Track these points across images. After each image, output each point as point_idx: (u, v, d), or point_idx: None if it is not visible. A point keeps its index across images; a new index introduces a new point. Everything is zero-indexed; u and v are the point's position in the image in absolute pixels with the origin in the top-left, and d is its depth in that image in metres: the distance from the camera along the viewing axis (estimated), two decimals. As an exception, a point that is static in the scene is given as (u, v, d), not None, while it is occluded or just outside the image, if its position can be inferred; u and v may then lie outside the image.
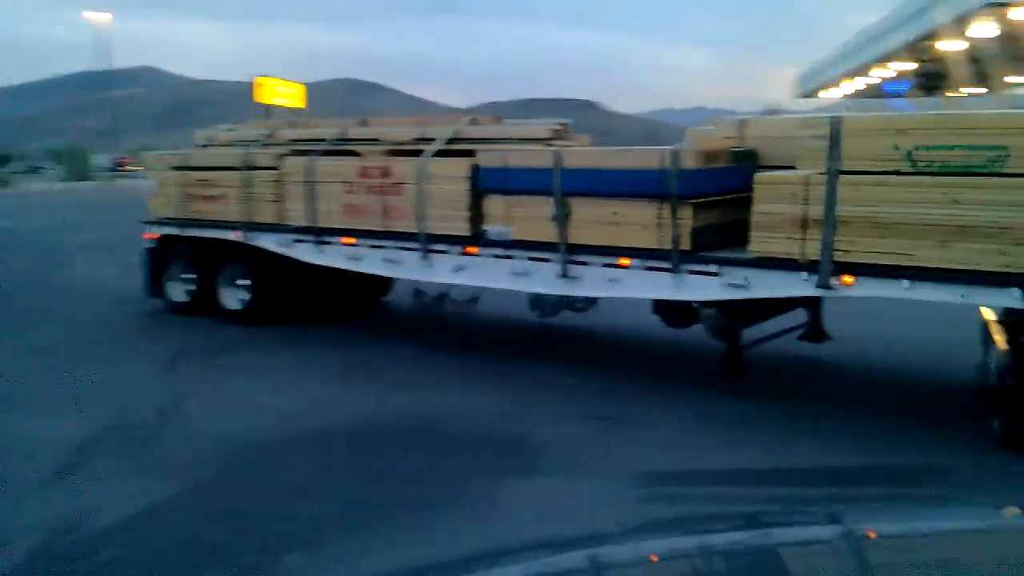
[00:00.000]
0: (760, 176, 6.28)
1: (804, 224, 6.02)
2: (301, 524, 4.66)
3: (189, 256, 10.68)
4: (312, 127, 10.23)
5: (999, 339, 5.76)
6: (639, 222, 6.73)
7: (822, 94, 61.14)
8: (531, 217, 7.33)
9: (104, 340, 9.57)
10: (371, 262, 8.71)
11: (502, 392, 7.15)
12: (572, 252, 7.14)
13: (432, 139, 8.36)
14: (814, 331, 7.74)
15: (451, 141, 8.22)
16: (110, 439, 6.14)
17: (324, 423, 6.47)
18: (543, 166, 7.13)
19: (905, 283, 5.73)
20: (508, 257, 7.55)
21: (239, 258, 10.13)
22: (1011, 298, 5.44)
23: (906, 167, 5.68)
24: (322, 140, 9.44)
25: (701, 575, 1.63)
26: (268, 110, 38.44)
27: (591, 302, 8.46)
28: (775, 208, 6.14)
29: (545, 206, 7.18)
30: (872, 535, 1.72)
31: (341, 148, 9.22)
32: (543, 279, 7.38)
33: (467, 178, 7.71)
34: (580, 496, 5.02)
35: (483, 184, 7.64)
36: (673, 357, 8.35)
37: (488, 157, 7.59)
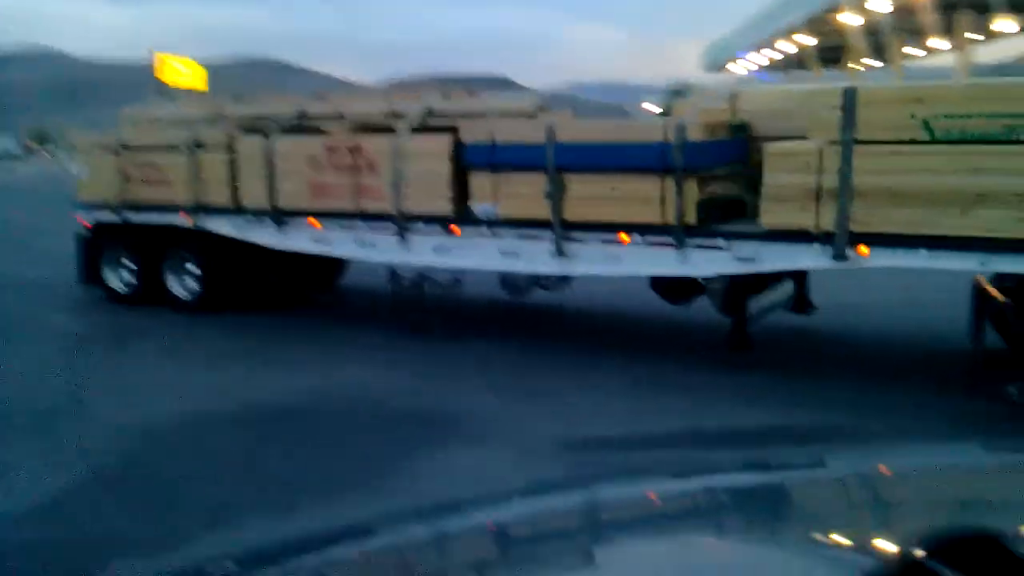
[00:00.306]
0: (772, 147, 6.06)
1: (818, 195, 5.83)
2: (210, 508, 4.43)
3: (130, 242, 9.92)
4: (263, 103, 9.58)
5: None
6: (640, 197, 6.42)
7: (729, 67, 62.10)
8: (521, 194, 6.94)
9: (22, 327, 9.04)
10: (341, 245, 8.20)
11: (426, 369, 6.98)
12: (567, 229, 6.80)
13: (402, 114, 7.88)
14: (800, 302, 7.60)
15: (425, 116, 7.75)
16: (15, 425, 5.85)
17: (237, 405, 6.17)
18: (535, 141, 6.75)
19: (923, 252, 5.60)
20: (496, 236, 7.16)
21: (187, 243, 9.44)
22: None
23: (923, 136, 5.53)
24: (275, 117, 8.83)
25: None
26: (165, 90, 36.33)
27: (563, 280, 8.14)
28: (787, 179, 5.93)
29: (537, 182, 6.81)
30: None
31: (299, 126, 8.63)
32: (536, 258, 7.03)
33: (449, 155, 7.26)
34: (493, 463, 4.90)
35: (468, 160, 7.21)
36: (628, 330, 8.15)
37: (472, 132, 7.15)
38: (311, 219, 8.27)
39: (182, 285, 9.57)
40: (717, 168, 6.47)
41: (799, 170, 5.87)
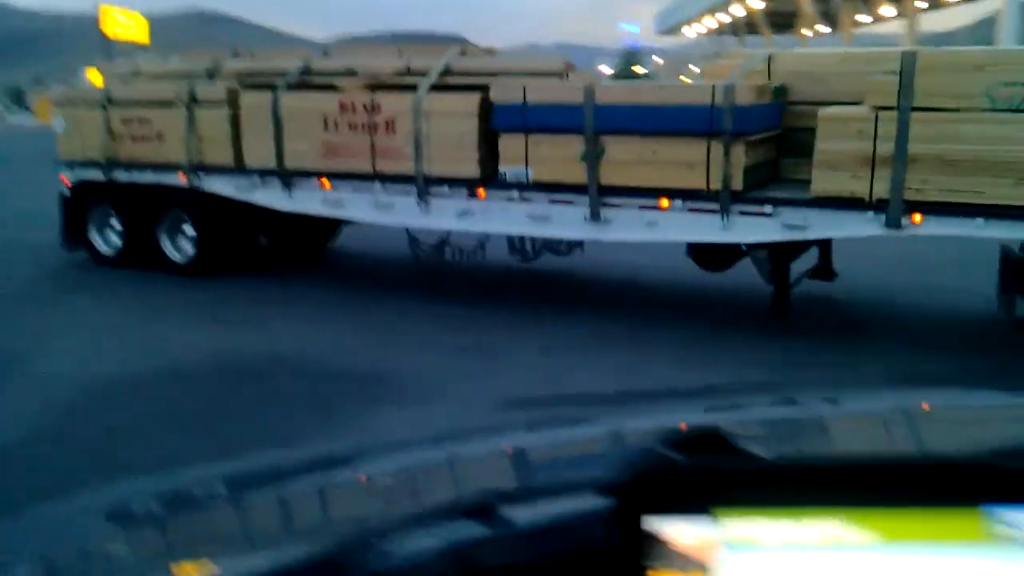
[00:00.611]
0: (825, 112, 5.82)
1: (872, 162, 5.62)
2: (152, 468, 4.09)
3: (118, 202, 9.34)
4: (263, 58, 9.04)
5: None
6: (684, 161, 6.14)
7: (683, 30, 61.89)
8: (555, 157, 6.60)
9: None
10: (354, 207, 7.77)
11: (381, 329, 6.80)
12: (603, 194, 6.49)
13: (419, 72, 7.45)
14: (824, 269, 7.44)
15: (443, 74, 7.33)
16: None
17: (184, 361, 5.96)
18: (573, 102, 6.40)
19: (978, 221, 5.44)
20: (525, 200, 6.82)
21: (181, 203, 8.92)
22: None
23: (984, 103, 5.34)
24: (279, 73, 8.31)
25: None
26: (111, 46, 34.68)
27: (576, 245, 7.86)
28: (841, 145, 5.70)
29: (572, 145, 6.47)
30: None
31: (306, 82, 8.14)
32: (568, 223, 6.71)
33: (476, 114, 6.87)
34: (441, 420, 4.63)
35: (497, 121, 6.82)
36: (614, 293, 7.98)
37: (503, 92, 6.76)
38: (322, 180, 7.83)
39: (175, 247, 9.06)
40: (763, 132, 6.22)
41: (853, 136, 5.65)
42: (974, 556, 0.62)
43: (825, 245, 7.36)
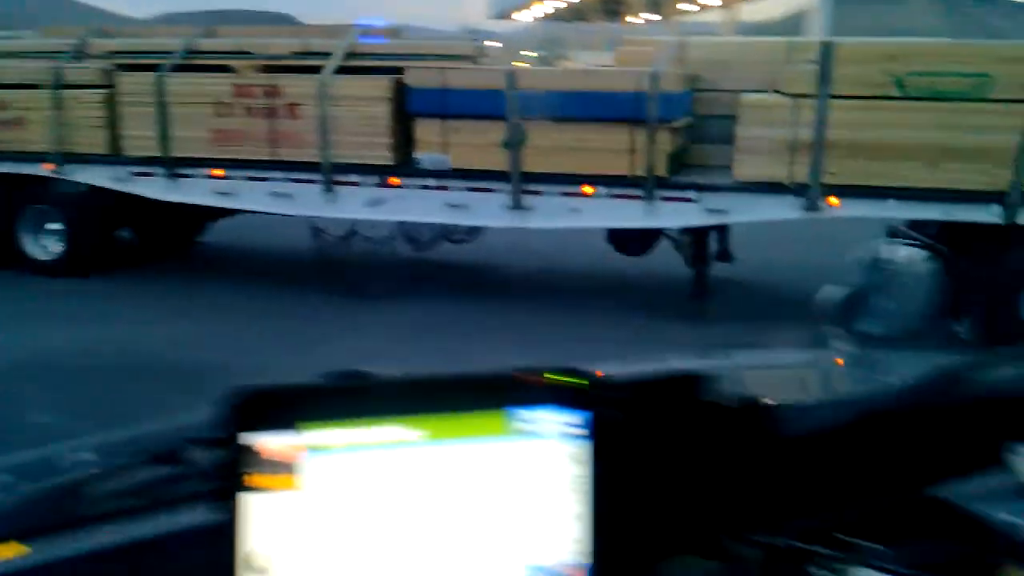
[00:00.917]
0: (747, 99, 5.80)
1: (792, 147, 5.65)
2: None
3: None
4: (141, 37, 8.15)
5: None
6: (608, 148, 5.97)
7: (515, 15, 62.03)
8: (475, 143, 6.27)
9: None
10: (250, 197, 7.11)
11: (230, 322, 6.37)
12: (525, 181, 6.23)
13: (319, 53, 6.89)
14: (723, 253, 7.50)
15: (348, 56, 6.82)
16: None
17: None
18: (494, 87, 6.08)
19: (891, 203, 5.59)
20: (442, 188, 6.46)
21: (47, 196, 7.91)
22: (991, 214, 5.48)
23: (896, 92, 5.49)
24: (160, 52, 7.50)
25: None
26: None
27: (472, 233, 7.57)
28: (761, 132, 5.71)
29: (493, 131, 6.16)
30: None
31: (193, 63, 7.37)
32: (487, 211, 6.40)
33: (389, 99, 6.42)
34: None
35: (414, 106, 6.41)
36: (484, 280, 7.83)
37: (420, 76, 6.35)
38: (214, 169, 7.13)
39: (41, 244, 8.02)
40: (684, 119, 6.15)
41: (773, 123, 5.68)
42: (499, 444, 0.80)
43: (723, 228, 7.42)
